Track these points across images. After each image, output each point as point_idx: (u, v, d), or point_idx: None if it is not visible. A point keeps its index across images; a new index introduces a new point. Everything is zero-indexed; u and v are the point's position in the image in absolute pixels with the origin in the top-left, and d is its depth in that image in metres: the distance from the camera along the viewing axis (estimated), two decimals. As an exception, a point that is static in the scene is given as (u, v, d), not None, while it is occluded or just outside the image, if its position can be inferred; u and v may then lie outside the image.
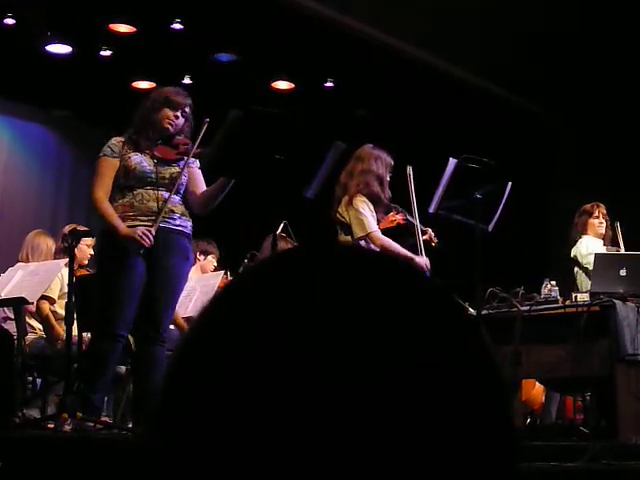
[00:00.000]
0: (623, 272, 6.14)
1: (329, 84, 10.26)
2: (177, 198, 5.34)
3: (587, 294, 6.05)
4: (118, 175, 5.26)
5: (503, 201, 6.54)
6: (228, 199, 5.14)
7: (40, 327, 6.99)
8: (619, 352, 5.68)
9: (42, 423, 5.46)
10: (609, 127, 10.70)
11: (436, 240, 6.67)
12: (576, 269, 7.36)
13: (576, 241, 7.48)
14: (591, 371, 5.86)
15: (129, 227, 5.11)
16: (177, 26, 8.95)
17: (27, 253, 7.07)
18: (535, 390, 8.32)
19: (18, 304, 6.34)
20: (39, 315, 6.89)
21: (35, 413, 6.61)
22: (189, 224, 5.39)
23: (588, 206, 7.60)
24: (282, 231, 7.16)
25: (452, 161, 6.31)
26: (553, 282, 6.35)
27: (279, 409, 0.76)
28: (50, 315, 6.83)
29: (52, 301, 6.89)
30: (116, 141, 5.37)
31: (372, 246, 6.30)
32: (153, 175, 5.26)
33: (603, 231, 7.48)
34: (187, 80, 9.91)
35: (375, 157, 6.49)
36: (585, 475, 4.41)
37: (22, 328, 6.42)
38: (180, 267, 5.29)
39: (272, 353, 0.76)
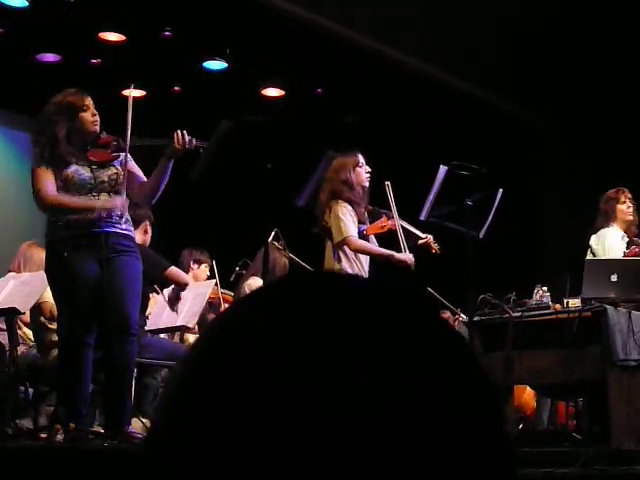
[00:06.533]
0: (614, 277, 6.15)
1: (319, 91, 10.25)
2: (120, 200, 5.29)
3: (579, 299, 6.05)
4: (57, 187, 5.24)
5: (494, 208, 6.55)
6: (220, 207, 5.17)
7: (32, 337, 6.96)
8: (611, 357, 5.69)
9: (35, 434, 5.45)
10: (596, 131, 10.72)
11: (437, 247, 6.66)
12: (590, 256, 7.17)
13: (601, 228, 7.30)
14: (583, 376, 5.86)
15: (80, 234, 5.13)
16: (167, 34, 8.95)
17: (19, 264, 7.01)
18: (526, 395, 8.31)
19: (10, 315, 6.32)
20: (40, 315, 6.75)
21: (27, 423, 6.58)
22: (132, 228, 5.43)
23: (612, 192, 7.42)
24: (273, 238, 7.16)
25: (442, 168, 6.32)
26: (544, 288, 6.35)
27: (276, 442, 0.76)
28: (53, 313, 6.68)
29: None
30: (40, 154, 5.28)
31: (348, 250, 6.34)
32: (92, 181, 5.25)
33: (631, 217, 7.35)
34: (176, 88, 9.91)
35: (339, 164, 6.51)
36: (578, 481, 4.43)
37: (14, 338, 6.40)
38: (134, 264, 5.31)
39: (269, 386, 0.76)
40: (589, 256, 7.20)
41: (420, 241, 6.64)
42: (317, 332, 0.76)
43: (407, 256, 6.43)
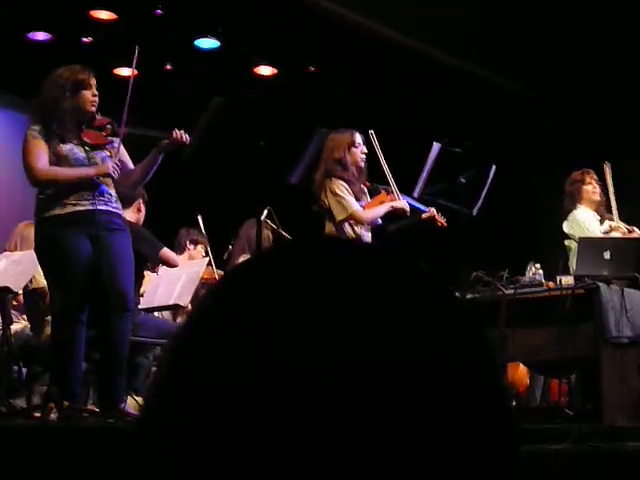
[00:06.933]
0: (607, 255, 6.15)
1: (312, 69, 10.21)
2: (110, 181, 5.30)
3: (572, 277, 6.06)
4: (50, 162, 5.20)
5: (487, 185, 6.55)
6: (212, 184, 5.17)
7: (25, 316, 6.95)
8: (604, 335, 5.70)
9: (28, 412, 5.45)
10: (591, 107, 10.70)
11: (443, 219, 6.63)
12: (568, 242, 7.24)
13: (570, 211, 7.39)
14: (576, 354, 5.88)
15: (72, 212, 5.12)
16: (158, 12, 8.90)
17: (16, 243, 6.98)
18: (519, 372, 8.33)
19: (3, 294, 6.30)
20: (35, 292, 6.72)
21: (21, 403, 6.58)
22: (121, 206, 5.44)
23: (578, 174, 7.50)
24: (266, 217, 7.15)
25: (435, 145, 6.31)
26: (537, 265, 6.36)
27: (273, 410, 0.76)
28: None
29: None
30: (38, 128, 5.24)
31: (356, 227, 6.31)
32: (86, 162, 5.23)
33: (598, 197, 7.40)
34: (169, 67, 9.87)
35: (334, 142, 6.47)
36: (571, 457, 4.43)
37: (7, 317, 6.39)
38: (126, 241, 5.31)
39: (265, 354, 0.76)
40: (567, 242, 7.26)
41: (424, 215, 6.60)
42: (306, 301, 0.76)
43: (402, 202, 6.42)
